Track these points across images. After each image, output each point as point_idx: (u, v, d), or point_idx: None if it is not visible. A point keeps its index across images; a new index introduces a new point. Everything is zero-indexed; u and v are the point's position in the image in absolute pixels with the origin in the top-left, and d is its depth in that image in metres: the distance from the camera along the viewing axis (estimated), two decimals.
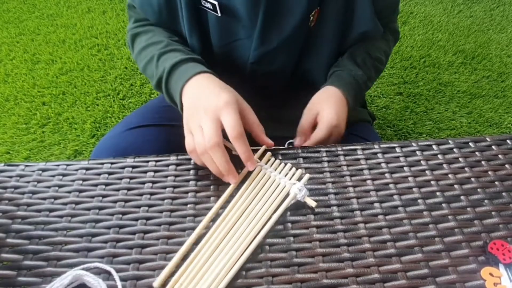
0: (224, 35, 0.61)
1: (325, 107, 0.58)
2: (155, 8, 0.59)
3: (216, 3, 0.55)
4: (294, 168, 0.48)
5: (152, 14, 0.61)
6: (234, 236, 0.42)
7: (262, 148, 0.50)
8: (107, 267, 0.39)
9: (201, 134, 0.46)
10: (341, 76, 0.62)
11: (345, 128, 0.59)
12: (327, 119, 0.56)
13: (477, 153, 0.51)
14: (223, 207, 0.45)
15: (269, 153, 0.50)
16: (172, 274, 0.39)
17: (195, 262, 0.40)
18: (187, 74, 0.52)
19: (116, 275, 0.38)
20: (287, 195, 0.45)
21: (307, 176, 0.47)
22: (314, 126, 0.58)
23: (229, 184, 0.46)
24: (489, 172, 0.49)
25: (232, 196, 0.46)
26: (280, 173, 0.48)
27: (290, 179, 0.47)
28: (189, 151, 0.47)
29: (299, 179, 0.47)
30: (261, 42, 0.59)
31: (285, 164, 0.49)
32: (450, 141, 0.53)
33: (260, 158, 0.50)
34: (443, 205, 0.45)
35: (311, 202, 0.45)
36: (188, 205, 0.45)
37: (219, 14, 0.57)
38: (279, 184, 0.47)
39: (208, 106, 0.47)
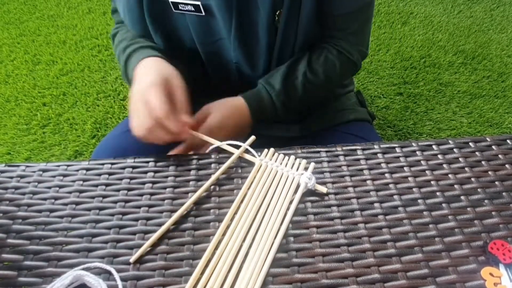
0: (207, 33, 0.61)
1: (218, 109, 0.58)
2: (125, 13, 0.62)
3: (199, 3, 0.56)
4: (298, 160, 0.49)
5: (119, 12, 0.64)
6: (256, 236, 0.42)
7: (251, 138, 0.52)
8: (108, 267, 0.39)
9: (136, 118, 0.50)
10: (258, 90, 0.61)
11: (227, 135, 0.57)
12: (210, 119, 0.56)
13: (477, 153, 0.51)
14: (236, 206, 0.45)
15: (272, 149, 0.51)
16: (198, 280, 0.38)
17: (220, 267, 0.39)
18: (136, 60, 0.56)
19: (116, 275, 0.38)
20: (297, 187, 0.47)
21: (312, 164, 0.49)
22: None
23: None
24: (489, 172, 0.49)
25: (243, 196, 0.46)
26: (286, 166, 0.49)
27: (297, 170, 0.48)
28: (136, 133, 0.51)
29: (305, 168, 0.49)
30: (238, 43, 0.59)
31: (289, 157, 0.50)
32: (450, 141, 0.53)
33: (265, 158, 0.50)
34: (443, 205, 0.45)
35: (322, 189, 0.46)
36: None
37: (203, 13, 0.57)
38: (287, 177, 0.48)
39: (135, 90, 0.51)
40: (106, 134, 1.04)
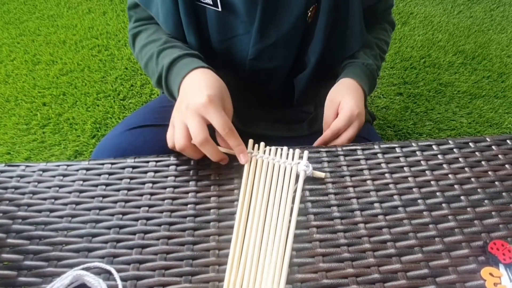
0: (223, 31, 0.61)
1: (345, 97, 0.59)
2: (156, 2, 0.60)
3: None
4: (291, 150, 0.50)
5: (154, 7, 0.61)
6: (271, 229, 0.43)
7: (250, 142, 0.51)
8: (108, 267, 0.39)
9: (182, 131, 0.47)
10: (354, 67, 0.64)
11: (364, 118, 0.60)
12: (347, 108, 0.57)
13: (477, 153, 0.51)
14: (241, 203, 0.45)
15: (262, 143, 0.51)
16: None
17: (244, 266, 0.40)
18: (184, 71, 0.53)
19: (116, 275, 0.38)
20: (297, 176, 0.47)
21: (306, 152, 0.49)
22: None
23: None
24: (489, 172, 0.49)
25: (245, 194, 0.46)
26: (281, 157, 0.49)
27: (292, 160, 0.49)
28: (170, 146, 0.49)
29: (300, 157, 0.49)
30: (260, 38, 0.60)
31: (281, 149, 0.50)
32: (450, 141, 0.53)
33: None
34: (443, 205, 0.45)
35: (320, 174, 0.47)
36: (189, 205, 0.45)
37: (220, 9, 0.57)
38: (285, 168, 0.48)
39: (190, 103, 0.47)
40: (106, 134, 1.04)
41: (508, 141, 0.53)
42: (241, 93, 0.61)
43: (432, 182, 0.48)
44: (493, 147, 0.52)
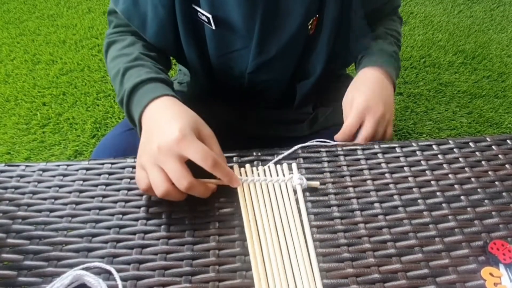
0: (221, 46, 0.60)
1: (355, 93, 0.57)
2: (141, 14, 0.57)
3: (210, 16, 0.55)
4: (278, 166, 0.48)
5: (137, 20, 0.58)
6: (289, 248, 0.41)
7: (235, 168, 0.48)
8: (108, 267, 0.39)
9: (160, 175, 0.41)
10: (369, 56, 0.61)
11: (389, 109, 0.56)
12: (355, 106, 0.55)
13: (477, 153, 0.51)
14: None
15: (248, 166, 0.48)
16: None
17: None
18: (145, 99, 0.48)
19: (116, 275, 0.38)
20: (291, 190, 0.46)
21: (294, 164, 0.48)
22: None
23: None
24: (489, 172, 0.49)
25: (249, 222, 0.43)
26: (271, 176, 0.47)
27: (283, 176, 0.47)
28: (143, 189, 0.44)
29: (289, 169, 0.47)
30: (259, 52, 0.59)
31: (269, 166, 0.48)
32: (450, 141, 0.53)
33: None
34: (443, 205, 0.45)
35: (315, 184, 0.46)
36: (188, 206, 0.45)
37: (213, 27, 0.57)
38: (279, 186, 0.46)
39: (162, 143, 0.42)
40: (106, 133, 1.04)
41: (508, 141, 0.53)
42: (241, 97, 0.61)
43: (432, 182, 0.48)
44: (493, 147, 0.52)
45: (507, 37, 1.81)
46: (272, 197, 0.45)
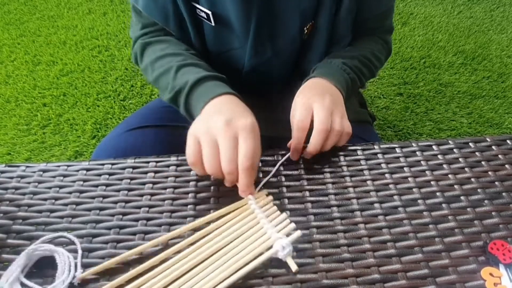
0: (219, 44, 0.60)
1: (317, 104, 0.50)
2: (161, 11, 0.58)
3: (210, 12, 0.55)
4: (287, 220, 0.43)
5: (160, 17, 0.58)
6: (204, 271, 0.38)
7: (260, 187, 0.46)
8: (72, 237, 0.41)
9: (213, 150, 0.41)
10: (326, 66, 0.58)
11: (336, 100, 0.52)
12: (320, 122, 0.48)
13: (477, 153, 0.51)
14: (198, 229, 0.42)
15: (264, 192, 0.46)
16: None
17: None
18: (212, 92, 0.49)
19: (77, 242, 0.40)
20: (270, 246, 0.40)
21: (297, 233, 0.41)
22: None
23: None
24: (489, 173, 0.49)
25: (209, 222, 0.43)
26: (269, 218, 0.43)
27: (279, 231, 0.41)
28: (192, 162, 0.43)
29: (289, 234, 0.41)
30: (255, 54, 0.59)
31: (280, 212, 0.44)
32: (450, 142, 0.53)
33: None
34: (443, 205, 0.45)
35: (293, 265, 0.39)
36: (189, 206, 0.45)
37: (213, 24, 0.57)
38: (265, 232, 0.41)
39: (233, 120, 0.42)
40: (106, 134, 1.04)
41: (508, 141, 0.53)
42: (240, 96, 0.61)
43: (432, 182, 0.48)
44: (493, 147, 0.52)
45: (507, 38, 1.81)
46: (246, 232, 0.42)
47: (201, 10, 0.56)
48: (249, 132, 0.42)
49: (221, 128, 0.42)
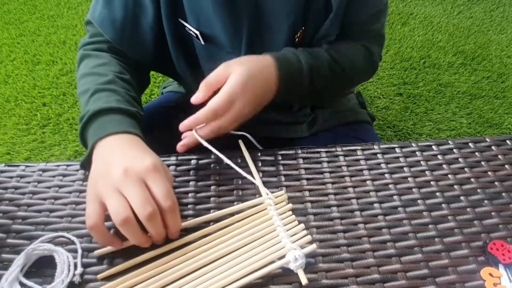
0: (210, 61, 0.59)
1: (239, 66, 0.47)
2: (117, 27, 0.55)
3: (198, 32, 0.55)
4: (304, 231, 0.42)
5: (113, 32, 0.56)
6: (211, 272, 0.38)
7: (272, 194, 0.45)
8: (71, 237, 0.41)
9: (119, 199, 0.37)
10: (286, 51, 0.54)
11: (249, 109, 0.48)
12: (233, 82, 0.45)
13: (476, 153, 0.51)
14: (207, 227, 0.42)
15: (285, 196, 0.45)
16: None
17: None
18: (109, 129, 0.44)
19: (77, 242, 0.39)
20: (283, 255, 0.39)
21: (313, 246, 0.40)
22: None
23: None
24: (489, 173, 0.49)
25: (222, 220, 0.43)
26: (286, 226, 0.42)
27: (294, 241, 0.40)
28: (90, 225, 0.38)
29: (304, 245, 0.40)
30: None
31: (298, 222, 0.43)
32: (449, 142, 0.53)
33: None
34: (443, 205, 0.45)
35: (303, 278, 0.38)
36: (188, 206, 0.45)
37: (203, 43, 0.57)
38: (280, 241, 0.41)
39: (130, 167, 0.38)
40: None
41: (507, 141, 0.53)
42: None
43: (432, 183, 0.48)
44: (493, 147, 0.52)
45: (506, 38, 1.81)
46: (260, 237, 0.41)
47: (189, 28, 0.55)
48: (153, 172, 0.39)
49: (121, 177, 0.38)
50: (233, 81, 0.46)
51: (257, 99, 0.49)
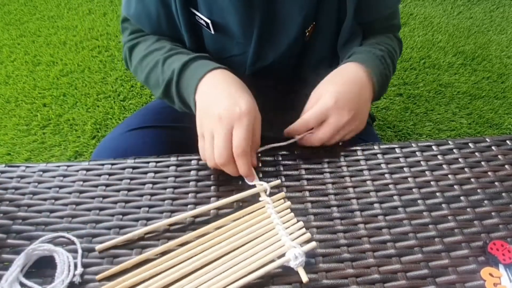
0: (218, 51, 0.60)
1: (327, 86, 0.51)
2: (153, 19, 0.57)
3: (209, 21, 0.55)
4: (303, 229, 0.42)
5: (150, 25, 0.58)
6: (210, 272, 0.38)
7: (274, 183, 0.47)
8: (71, 237, 0.41)
9: (211, 145, 0.45)
10: (360, 53, 0.56)
11: (356, 117, 0.50)
12: (322, 101, 0.49)
13: (476, 153, 0.51)
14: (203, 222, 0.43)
15: (283, 194, 0.46)
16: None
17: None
18: (200, 72, 0.49)
19: (77, 242, 0.40)
20: (283, 253, 0.39)
21: (313, 244, 0.40)
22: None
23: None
24: (489, 173, 0.49)
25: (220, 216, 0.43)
26: (285, 224, 0.42)
27: (293, 239, 0.40)
28: (202, 157, 0.48)
29: (304, 242, 0.41)
30: (256, 59, 0.60)
31: (298, 220, 0.43)
32: (450, 142, 0.53)
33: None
34: (443, 205, 0.45)
35: (304, 276, 0.38)
36: (189, 206, 0.45)
37: (212, 32, 0.57)
38: (279, 239, 0.41)
39: (223, 113, 0.44)
40: (106, 134, 1.04)
41: (507, 141, 0.53)
42: None
43: (432, 183, 0.48)
44: (493, 147, 0.52)
45: (506, 38, 1.81)
46: (258, 235, 0.42)
47: (200, 17, 0.55)
48: (239, 120, 0.44)
49: (214, 124, 0.45)
50: (323, 99, 0.49)
51: (359, 106, 0.51)
